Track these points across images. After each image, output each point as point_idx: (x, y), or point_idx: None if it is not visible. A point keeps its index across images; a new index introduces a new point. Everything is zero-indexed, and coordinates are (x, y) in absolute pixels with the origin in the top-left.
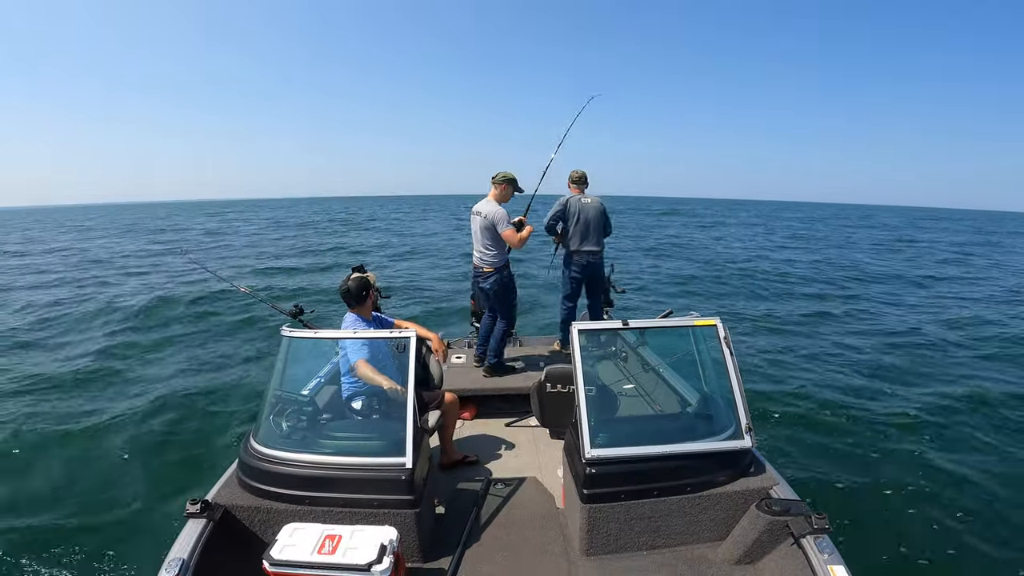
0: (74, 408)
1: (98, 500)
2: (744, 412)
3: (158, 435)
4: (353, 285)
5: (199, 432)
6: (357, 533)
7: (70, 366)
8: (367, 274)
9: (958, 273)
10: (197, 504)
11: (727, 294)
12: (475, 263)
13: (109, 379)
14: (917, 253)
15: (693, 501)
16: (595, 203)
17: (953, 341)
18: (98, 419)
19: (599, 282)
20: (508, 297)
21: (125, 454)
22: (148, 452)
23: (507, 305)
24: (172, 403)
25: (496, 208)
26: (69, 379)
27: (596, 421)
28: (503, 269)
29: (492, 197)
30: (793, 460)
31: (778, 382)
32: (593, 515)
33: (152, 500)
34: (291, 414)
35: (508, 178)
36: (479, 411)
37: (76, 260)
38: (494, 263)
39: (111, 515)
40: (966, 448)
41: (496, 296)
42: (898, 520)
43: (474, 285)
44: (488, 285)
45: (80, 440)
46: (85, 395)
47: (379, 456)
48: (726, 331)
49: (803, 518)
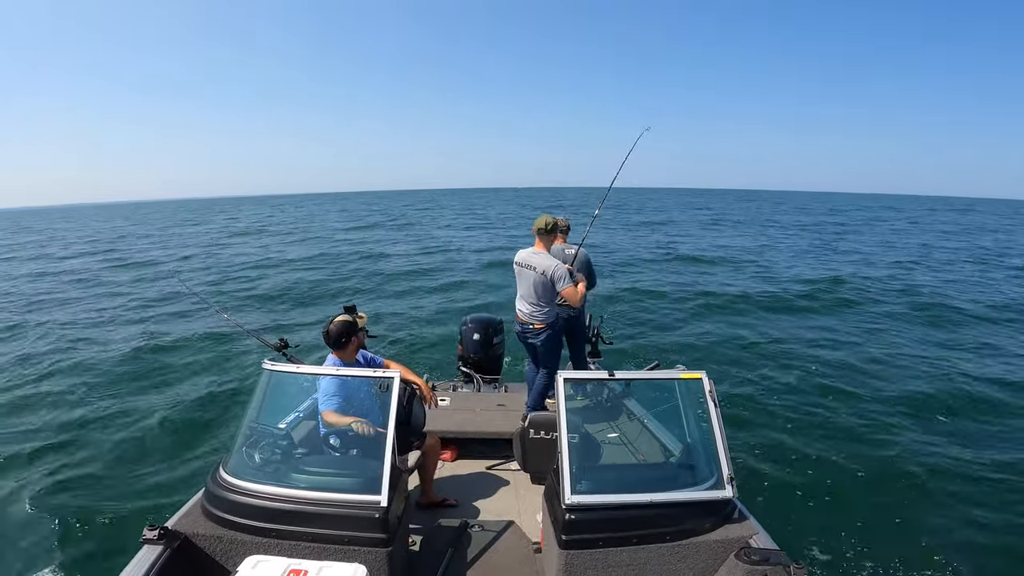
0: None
1: (48, 524)
2: (726, 462)
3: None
4: (333, 329)
5: (167, 457)
6: (325, 569)
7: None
8: (359, 316)
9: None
10: (155, 530)
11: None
12: (523, 319)
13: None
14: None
15: (672, 550)
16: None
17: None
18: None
19: (576, 334)
20: (558, 350)
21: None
22: (108, 474)
23: (557, 358)
24: (145, 425)
25: (554, 263)
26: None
27: (578, 468)
28: (555, 323)
29: (542, 247)
30: (776, 509)
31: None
32: (571, 561)
33: (105, 526)
34: (265, 446)
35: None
36: (460, 453)
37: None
38: (546, 319)
39: (65, 539)
40: (957, 500)
41: (547, 352)
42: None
43: (522, 341)
44: (540, 342)
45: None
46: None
47: (354, 492)
48: (711, 385)
49: (782, 568)
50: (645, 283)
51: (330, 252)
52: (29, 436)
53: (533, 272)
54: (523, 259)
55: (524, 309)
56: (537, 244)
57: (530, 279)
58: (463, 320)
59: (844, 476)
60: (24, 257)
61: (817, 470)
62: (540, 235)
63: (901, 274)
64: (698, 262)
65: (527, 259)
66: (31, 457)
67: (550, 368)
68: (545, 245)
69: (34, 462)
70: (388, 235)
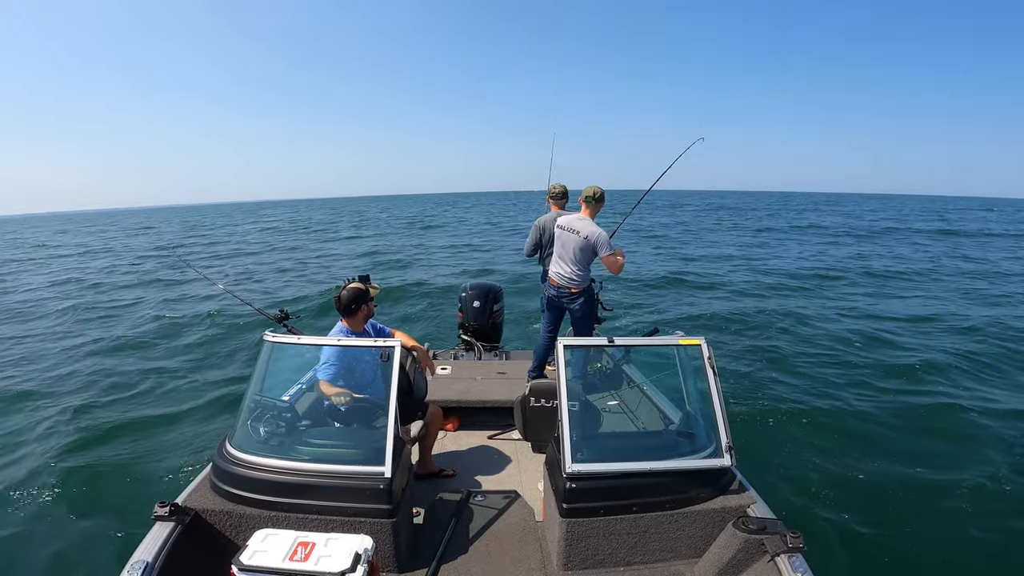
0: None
1: (57, 503)
2: (725, 431)
3: (126, 437)
4: (345, 295)
5: (172, 435)
6: (332, 541)
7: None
8: (372, 285)
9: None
10: (166, 507)
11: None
12: (558, 282)
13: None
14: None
15: (671, 518)
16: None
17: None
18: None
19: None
20: (593, 315)
21: (80, 459)
22: (112, 456)
23: (591, 323)
24: (151, 400)
25: (598, 230)
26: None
27: (578, 436)
28: (590, 289)
29: (587, 215)
30: (777, 477)
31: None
32: (572, 529)
33: (116, 504)
34: (269, 419)
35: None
36: (462, 422)
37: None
38: (582, 284)
39: (72, 518)
40: (959, 466)
41: (584, 316)
42: (872, 539)
43: (551, 304)
44: (576, 306)
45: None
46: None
47: (357, 464)
48: (710, 351)
49: (778, 536)
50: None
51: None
52: (31, 416)
53: (576, 236)
54: (567, 223)
55: (563, 272)
56: (583, 211)
57: (572, 243)
58: (463, 287)
59: (850, 449)
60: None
61: (820, 442)
62: (587, 203)
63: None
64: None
65: (571, 223)
66: (39, 438)
67: (586, 334)
68: (591, 213)
69: (40, 443)
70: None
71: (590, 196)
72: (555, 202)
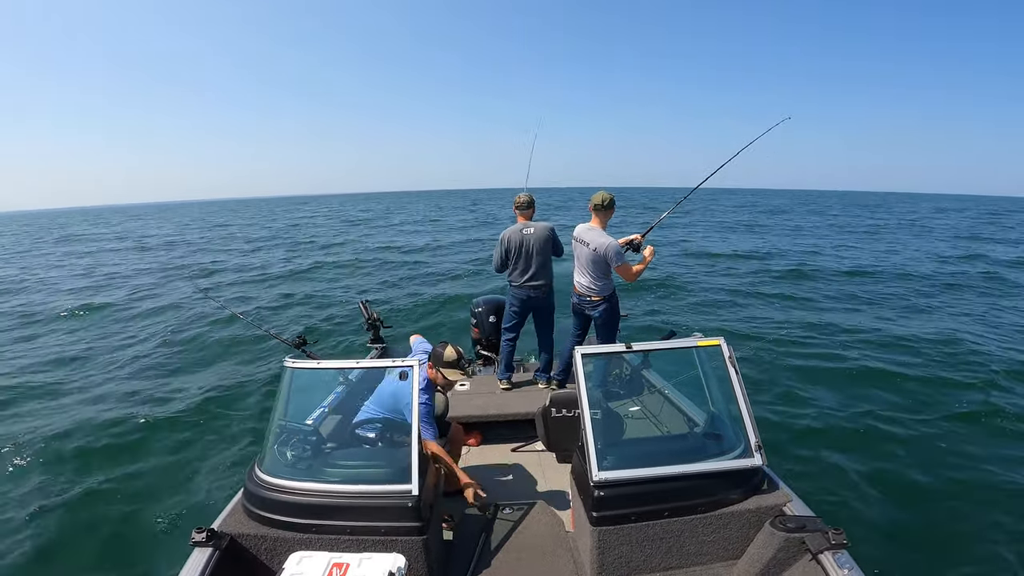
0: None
1: (99, 527)
2: (753, 430)
3: (159, 462)
4: (447, 354)
5: (201, 458)
6: (365, 561)
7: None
8: (457, 349)
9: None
10: (203, 532)
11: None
12: (579, 290)
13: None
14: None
15: (705, 521)
16: (539, 231)
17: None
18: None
19: (543, 314)
20: (616, 322)
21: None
22: (141, 483)
23: (615, 330)
24: (178, 425)
25: (608, 241)
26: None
27: (603, 444)
28: (612, 296)
29: (597, 224)
30: (808, 477)
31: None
32: (603, 538)
33: (154, 530)
34: (296, 443)
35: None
36: (484, 437)
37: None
38: (603, 292)
39: (114, 543)
40: (995, 460)
41: (605, 324)
42: (918, 531)
43: (575, 311)
44: (598, 314)
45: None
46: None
47: (385, 483)
48: (731, 350)
49: (820, 534)
50: None
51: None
52: (50, 440)
53: (586, 248)
54: (579, 235)
55: (581, 282)
56: (593, 220)
57: (584, 255)
58: (474, 303)
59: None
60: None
61: (850, 436)
62: (596, 211)
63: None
64: None
65: (582, 235)
66: (59, 467)
67: (609, 341)
68: (601, 221)
69: (62, 468)
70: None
71: (599, 204)
72: (521, 212)
